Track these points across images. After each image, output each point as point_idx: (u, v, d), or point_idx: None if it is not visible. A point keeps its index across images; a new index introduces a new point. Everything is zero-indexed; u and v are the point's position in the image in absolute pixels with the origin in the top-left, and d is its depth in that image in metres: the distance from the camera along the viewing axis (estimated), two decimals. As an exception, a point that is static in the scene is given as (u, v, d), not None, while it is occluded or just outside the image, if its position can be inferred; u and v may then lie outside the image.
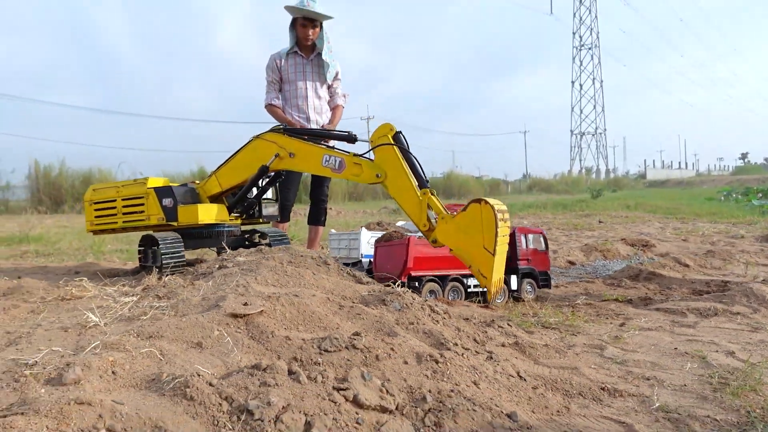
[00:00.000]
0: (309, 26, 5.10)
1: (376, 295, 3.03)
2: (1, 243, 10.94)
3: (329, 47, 5.29)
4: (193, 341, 2.30)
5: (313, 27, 5.12)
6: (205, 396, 1.85)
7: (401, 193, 3.75)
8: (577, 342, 3.72)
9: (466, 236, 3.48)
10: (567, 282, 6.50)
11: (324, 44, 5.22)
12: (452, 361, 2.40)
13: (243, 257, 3.42)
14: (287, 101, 5.29)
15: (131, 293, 3.11)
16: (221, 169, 4.28)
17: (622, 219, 15.18)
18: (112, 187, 4.38)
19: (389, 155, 3.74)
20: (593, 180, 55.99)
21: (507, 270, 5.33)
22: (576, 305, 5.02)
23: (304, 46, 5.26)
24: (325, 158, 3.97)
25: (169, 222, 4.06)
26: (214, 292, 2.84)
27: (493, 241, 3.37)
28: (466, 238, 3.49)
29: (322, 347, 2.30)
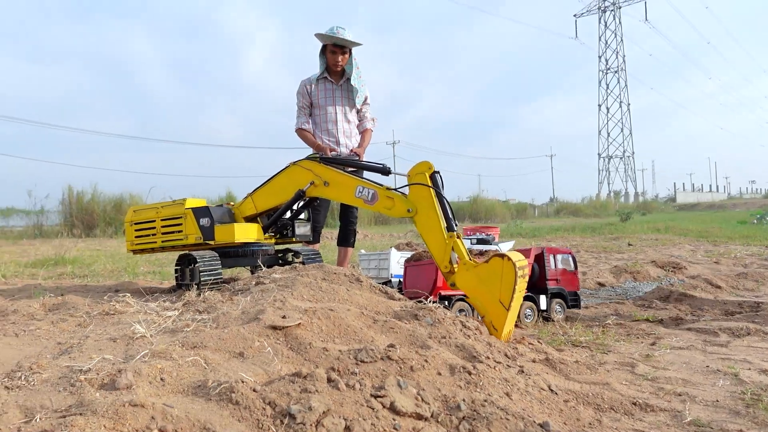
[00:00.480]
0: (338, 53, 5.26)
1: (409, 310, 3.11)
2: (38, 265, 11.24)
3: (358, 73, 5.45)
4: (235, 351, 2.40)
5: (343, 53, 5.28)
6: (250, 401, 1.94)
7: (429, 232, 3.88)
8: (607, 360, 3.74)
9: (485, 287, 3.58)
10: (597, 303, 6.49)
11: (353, 70, 5.38)
12: (485, 373, 2.46)
13: (278, 274, 3.53)
14: (317, 125, 5.45)
15: (172, 308, 3.23)
16: (257, 192, 4.42)
17: (652, 242, 15.04)
18: (151, 209, 4.55)
19: (424, 193, 3.86)
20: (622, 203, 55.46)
21: (536, 289, 5.38)
22: (606, 325, 5.02)
23: (334, 72, 5.42)
24: (358, 189, 4.09)
25: (207, 241, 4.20)
26: (253, 306, 2.94)
27: (509, 296, 3.48)
28: (484, 288, 3.59)
29: (359, 358, 2.38)
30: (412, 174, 3.90)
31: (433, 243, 3.87)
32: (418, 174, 3.87)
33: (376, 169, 4.33)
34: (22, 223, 26.35)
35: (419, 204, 3.86)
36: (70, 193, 25.76)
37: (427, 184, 3.81)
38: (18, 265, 11.20)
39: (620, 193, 75.21)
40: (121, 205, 25.05)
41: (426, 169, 3.87)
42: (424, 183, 3.81)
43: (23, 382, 2.08)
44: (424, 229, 3.89)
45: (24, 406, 1.88)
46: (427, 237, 3.90)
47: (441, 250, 3.82)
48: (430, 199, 3.84)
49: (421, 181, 3.83)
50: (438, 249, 3.84)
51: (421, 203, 3.85)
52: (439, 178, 3.90)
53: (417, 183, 3.84)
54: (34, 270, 10.48)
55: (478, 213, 36.60)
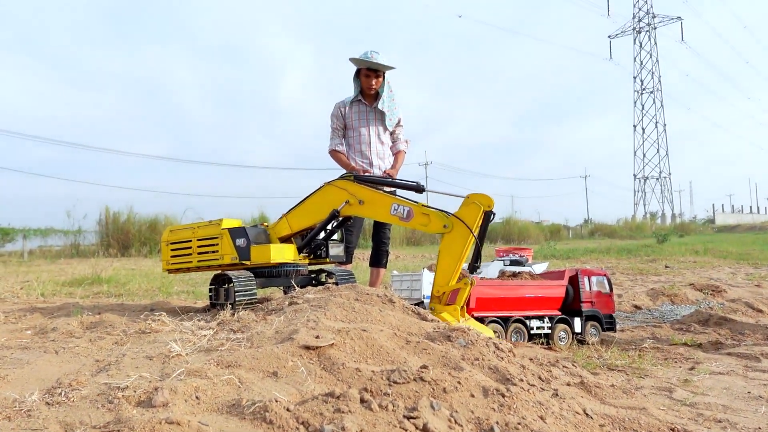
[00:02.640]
0: (372, 76, 5.34)
1: (441, 331, 3.09)
2: (75, 284, 11.49)
3: (391, 96, 5.52)
4: (268, 371, 2.42)
5: (377, 77, 5.35)
6: (283, 420, 1.95)
7: (449, 253, 3.98)
8: (644, 384, 3.66)
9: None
10: (633, 326, 6.37)
11: (386, 92, 5.44)
12: (518, 396, 2.44)
13: (312, 294, 3.55)
14: (351, 147, 5.51)
15: (207, 327, 3.27)
16: (292, 212, 4.47)
17: (690, 264, 14.72)
18: (188, 229, 4.62)
19: (471, 218, 3.92)
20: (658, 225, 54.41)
21: (570, 312, 5.31)
22: (643, 348, 4.92)
23: (368, 95, 5.49)
24: (393, 207, 4.12)
25: (242, 261, 4.25)
26: (287, 326, 2.96)
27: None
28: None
29: (391, 379, 2.37)
30: (472, 198, 3.97)
31: (445, 265, 3.99)
32: (473, 204, 3.94)
33: (411, 187, 4.35)
34: (60, 242, 27.02)
35: (458, 225, 3.90)
36: (107, 214, 26.40)
37: (480, 215, 3.93)
38: (56, 284, 11.47)
39: (656, 215, 73.81)
40: (156, 226, 25.54)
41: (485, 204, 3.94)
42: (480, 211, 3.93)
43: (63, 398, 2.13)
44: (447, 248, 3.95)
45: (64, 422, 1.92)
46: (444, 256, 3.99)
47: (447, 275, 3.97)
48: (473, 226, 3.91)
49: (475, 211, 3.91)
50: (445, 272, 3.98)
51: (460, 226, 3.89)
52: (491, 218, 3.98)
53: (473, 203, 3.95)
54: (71, 289, 10.71)
55: (511, 234, 36.25)
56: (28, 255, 24.03)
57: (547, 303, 5.18)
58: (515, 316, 4.98)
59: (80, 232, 27.25)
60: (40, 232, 30.97)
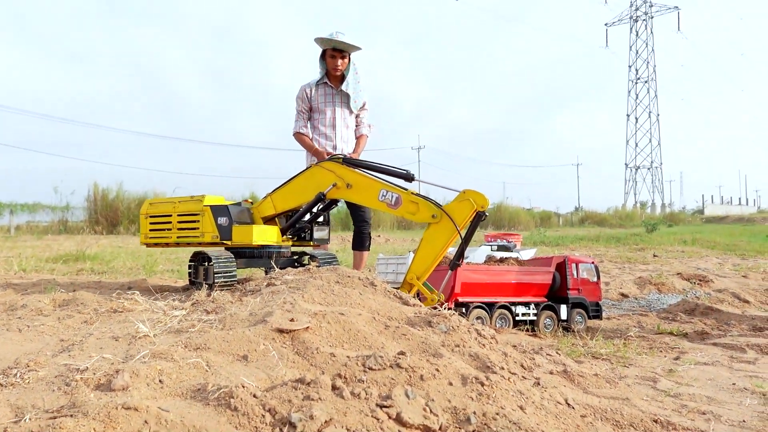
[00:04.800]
0: (338, 57, 5.21)
1: (422, 316, 3.00)
2: (59, 260, 11.33)
3: (357, 78, 5.40)
4: (239, 354, 2.32)
5: (342, 58, 5.22)
6: (249, 407, 1.85)
7: (431, 246, 3.94)
8: (628, 373, 3.60)
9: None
10: (619, 314, 6.32)
11: (351, 75, 5.32)
12: (498, 385, 2.35)
13: (291, 276, 3.45)
14: (315, 129, 5.40)
15: (180, 307, 3.16)
16: (277, 192, 4.35)
17: (678, 254, 14.73)
18: (168, 203, 4.49)
19: (462, 215, 3.85)
20: (648, 214, 54.58)
21: (557, 299, 5.24)
22: (628, 337, 4.86)
23: (334, 77, 5.37)
24: (382, 193, 4.02)
25: (223, 240, 4.13)
26: (262, 308, 2.86)
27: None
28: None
29: (367, 365, 2.28)
30: (467, 195, 3.88)
31: (424, 254, 3.94)
32: (467, 201, 3.86)
33: (400, 175, 4.24)
34: (48, 218, 26.80)
35: (445, 219, 3.83)
36: (96, 190, 26.12)
37: (473, 214, 3.88)
38: (39, 260, 11.30)
39: (647, 204, 74.01)
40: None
41: (479, 203, 3.86)
42: (473, 211, 3.87)
43: (18, 379, 2.02)
44: (431, 238, 3.91)
45: (15, 405, 1.82)
46: (426, 246, 3.94)
47: (424, 265, 3.93)
48: (461, 224, 3.84)
49: (467, 209, 3.85)
50: (422, 262, 3.94)
51: (448, 221, 3.81)
52: (482, 219, 3.90)
53: (465, 200, 3.89)
54: (54, 265, 10.56)
55: (502, 220, 36.23)
56: (15, 230, 23.80)
57: (534, 289, 5.11)
58: (500, 302, 4.91)
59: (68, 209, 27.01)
60: (27, 207, 30.66)
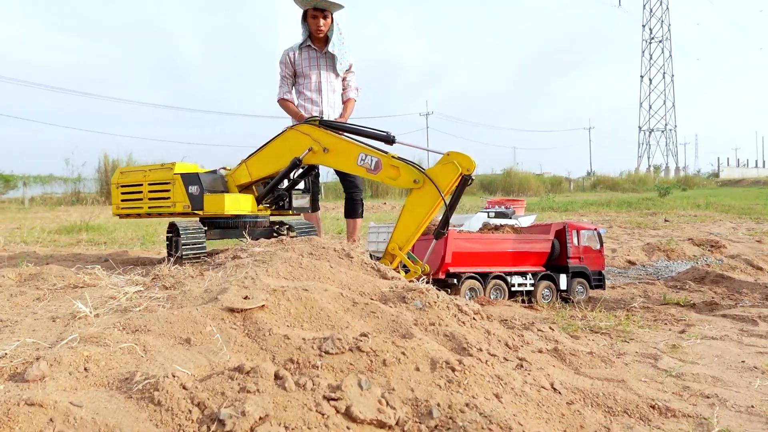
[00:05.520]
0: (319, 17, 4.89)
1: (397, 291, 2.75)
2: (62, 232, 11.21)
3: (341, 39, 5.10)
4: (181, 337, 2.09)
5: (324, 17, 4.91)
6: (175, 401, 1.62)
7: (413, 213, 3.67)
8: (628, 350, 3.35)
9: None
10: (624, 283, 6.05)
11: (335, 35, 5.02)
12: (472, 369, 2.11)
13: (260, 248, 3.20)
14: (301, 94, 5.12)
15: (139, 282, 2.94)
16: (252, 158, 4.09)
17: (691, 218, 14.35)
18: (139, 171, 4.25)
19: (446, 180, 3.58)
20: (662, 178, 53.75)
21: (556, 268, 4.98)
22: (632, 308, 4.60)
23: (317, 39, 5.06)
24: (360, 157, 3.76)
25: (195, 210, 3.90)
26: (220, 284, 2.63)
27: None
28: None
29: (323, 348, 2.04)
30: (452, 157, 3.59)
31: (406, 222, 3.68)
32: (451, 164, 3.57)
33: (380, 137, 3.96)
34: (61, 190, 27.00)
35: (428, 184, 3.56)
36: (106, 161, 26.24)
37: (458, 179, 3.60)
38: (43, 231, 11.21)
39: (660, 168, 72.94)
40: (153, 174, 25.24)
41: (465, 166, 3.57)
42: (457, 175, 3.59)
43: None
44: (413, 205, 3.65)
45: None
46: (407, 213, 3.67)
47: (406, 233, 3.67)
48: (445, 189, 3.57)
49: (452, 172, 3.57)
50: (404, 230, 3.68)
51: (431, 186, 3.55)
52: (468, 183, 3.62)
53: (449, 164, 3.60)
54: (58, 236, 10.46)
55: (511, 186, 35.76)
56: (29, 202, 23.90)
57: (531, 258, 4.84)
58: (495, 272, 4.65)
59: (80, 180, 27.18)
60: (40, 179, 30.86)
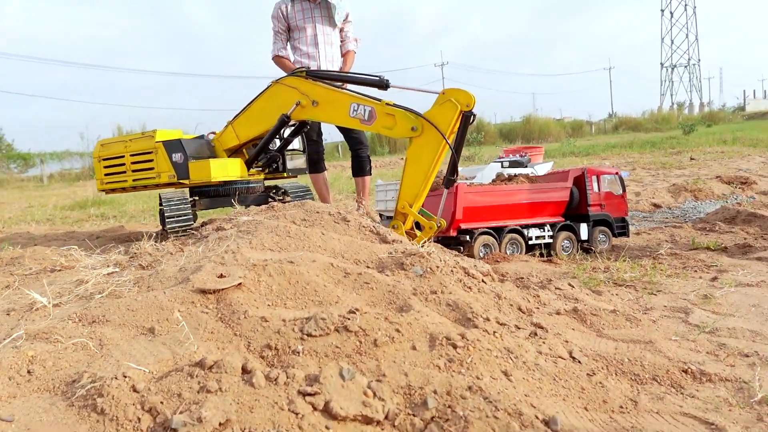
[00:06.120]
0: None
1: (396, 257, 2.49)
2: (74, 207, 11.13)
3: None
4: (144, 326, 1.85)
5: None
6: (121, 408, 1.39)
7: (418, 164, 3.33)
8: (655, 304, 3.06)
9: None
10: (650, 228, 5.73)
11: None
12: (477, 344, 1.85)
13: (247, 216, 2.94)
14: (296, 50, 4.77)
15: (117, 263, 2.70)
16: (238, 119, 3.81)
17: (718, 155, 13.80)
18: (120, 142, 4.00)
19: (446, 120, 3.24)
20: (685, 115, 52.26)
21: (576, 217, 4.67)
22: (658, 256, 4.29)
23: None
24: (352, 107, 3.45)
25: (181, 180, 3.65)
26: (197, 261, 2.38)
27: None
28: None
29: (305, 330, 1.79)
30: (448, 95, 3.26)
31: (411, 176, 3.36)
32: (449, 102, 3.24)
33: (372, 83, 3.64)
34: (78, 165, 27.16)
35: (429, 128, 3.24)
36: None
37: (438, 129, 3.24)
38: (56, 208, 11.14)
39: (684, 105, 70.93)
40: (168, 144, 25.26)
41: (464, 102, 3.23)
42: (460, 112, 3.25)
43: None
44: (415, 155, 3.33)
45: None
46: (411, 166, 3.35)
47: (414, 188, 3.35)
48: (447, 130, 3.23)
49: (450, 111, 3.23)
50: (412, 185, 3.36)
51: (431, 131, 3.23)
52: (471, 121, 3.27)
53: (447, 102, 3.25)
54: (69, 212, 10.38)
55: (531, 133, 35.01)
56: (47, 179, 24.01)
57: (548, 208, 4.53)
58: (510, 226, 4.36)
59: (95, 154, 27.11)
60: (57, 155, 31.06)
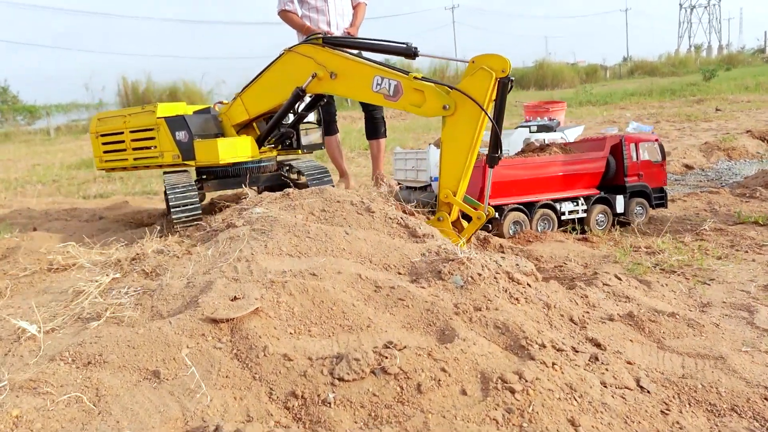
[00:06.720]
0: None
1: (430, 262, 2.20)
2: (81, 166, 10.87)
3: None
4: (148, 368, 1.59)
5: None
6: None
7: (456, 146, 2.99)
8: (712, 298, 2.78)
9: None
10: (684, 194, 5.38)
11: None
12: (537, 384, 1.58)
13: (261, 208, 2.64)
14: (304, 3, 4.43)
15: (118, 264, 2.43)
16: (247, 92, 3.47)
17: (744, 105, 13.26)
18: (118, 117, 3.68)
19: (481, 91, 2.87)
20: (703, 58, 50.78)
21: (612, 188, 4.34)
22: (702, 233, 3.98)
23: None
24: (376, 81, 3.11)
25: (186, 161, 3.34)
26: (208, 269, 2.11)
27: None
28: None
29: (336, 373, 1.53)
30: (479, 63, 2.90)
31: (450, 160, 3.03)
32: (481, 70, 2.87)
33: (399, 51, 3.28)
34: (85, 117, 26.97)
35: (463, 104, 2.90)
36: (125, 84, 25.90)
37: (475, 100, 2.86)
38: (62, 167, 10.89)
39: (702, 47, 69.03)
40: (175, 93, 24.80)
41: (498, 68, 2.87)
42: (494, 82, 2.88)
43: None
44: (452, 136, 2.99)
45: None
46: (449, 149, 3.02)
47: (455, 173, 3.02)
48: (484, 102, 2.87)
49: (485, 80, 2.86)
50: (452, 170, 3.03)
51: (466, 105, 2.89)
52: (509, 88, 2.92)
53: (479, 71, 2.89)
54: (76, 172, 10.13)
55: (544, 79, 34.08)
56: (54, 132, 23.76)
57: (583, 180, 4.20)
58: (542, 201, 4.04)
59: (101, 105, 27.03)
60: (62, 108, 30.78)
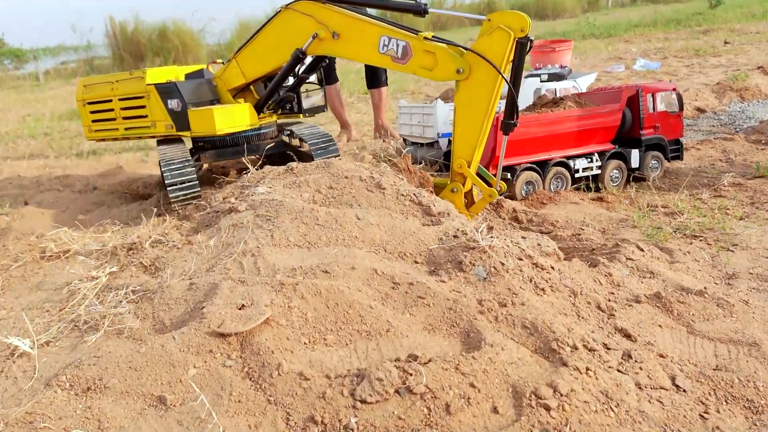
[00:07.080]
0: None
1: (450, 248, 2.06)
2: (73, 116, 10.51)
3: None
4: (153, 393, 1.47)
5: None
6: None
7: (473, 110, 2.79)
8: (738, 267, 2.67)
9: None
10: (697, 141, 5.20)
11: None
12: (572, 398, 1.47)
13: (264, 188, 2.48)
14: None
15: (114, 254, 2.30)
16: (243, 53, 3.24)
17: (753, 36, 12.82)
18: (106, 83, 3.45)
19: (498, 52, 2.66)
20: (707, -17, 49.20)
21: (627, 141, 4.16)
22: (720, 188, 3.83)
23: None
24: (382, 41, 2.87)
25: (180, 131, 3.15)
26: (211, 265, 1.97)
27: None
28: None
29: (358, 395, 1.42)
30: (495, 21, 2.69)
31: (464, 126, 2.84)
32: (498, 30, 2.66)
33: (407, 8, 3.05)
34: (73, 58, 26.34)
35: (478, 66, 2.69)
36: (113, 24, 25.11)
37: (491, 63, 2.67)
38: (53, 118, 10.57)
39: (706, -29, 66.73)
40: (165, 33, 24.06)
41: (517, 26, 2.66)
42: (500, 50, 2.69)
43: None
44: (466, 101, 2.79)
45: None
46: (463, 115, 2.83)
47: (470, 140, 2.84)
48: (501, 64, 2.67)
49: (503, 41, 2.66)
50: (466, 138, 2.85)
51: (481, 68, 2.68)
52: (528, 49, 2.71)
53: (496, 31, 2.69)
54: (68, 123, 9.84)
55: (545, 9, 32.93)
56: (43, 77, 23.22)
57: (597, 135, 4.02)
58: (556, 158, 3.87)
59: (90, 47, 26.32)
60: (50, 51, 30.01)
